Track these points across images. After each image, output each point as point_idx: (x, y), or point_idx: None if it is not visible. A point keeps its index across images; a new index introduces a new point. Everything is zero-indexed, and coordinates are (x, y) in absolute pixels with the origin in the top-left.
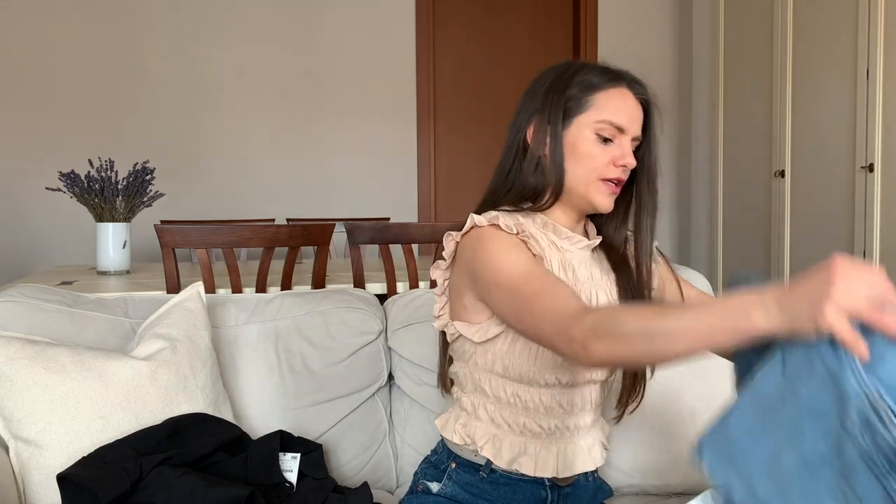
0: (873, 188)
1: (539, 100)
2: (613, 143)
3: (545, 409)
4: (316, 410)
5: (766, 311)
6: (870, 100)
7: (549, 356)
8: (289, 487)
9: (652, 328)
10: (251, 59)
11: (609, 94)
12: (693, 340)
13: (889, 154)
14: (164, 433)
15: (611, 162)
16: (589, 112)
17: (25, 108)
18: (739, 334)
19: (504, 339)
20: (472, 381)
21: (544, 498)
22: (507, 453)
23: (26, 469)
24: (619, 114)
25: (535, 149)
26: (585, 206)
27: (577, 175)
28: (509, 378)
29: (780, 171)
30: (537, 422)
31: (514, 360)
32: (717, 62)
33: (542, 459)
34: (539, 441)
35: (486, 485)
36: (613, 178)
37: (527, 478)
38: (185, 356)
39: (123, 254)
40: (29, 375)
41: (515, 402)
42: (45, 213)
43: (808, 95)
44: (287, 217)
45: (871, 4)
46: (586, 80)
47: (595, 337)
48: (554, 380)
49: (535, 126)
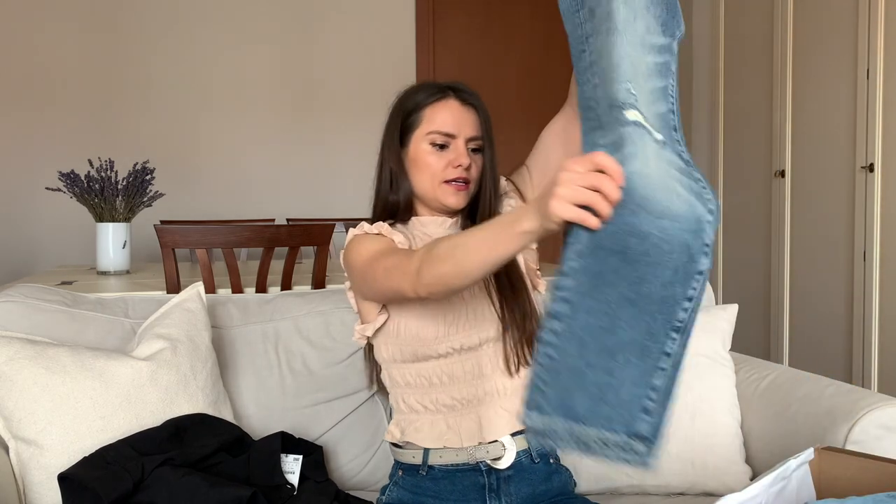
0: (873, 188)
1: (386, 126)
2: (448, 148)
3: (450, 379)
4: (316, 410)
5: (529, 216)
6: (870, 100)
7: (431, 329)
8: (290, 489)
9: (454, 245)
10: (251, 58)
11: (435, 107)
12: (484, 250)
13: (889, 154)
14: (166, 433)
15: (448, 165)
16: (421, 126)
17: (25, 108)
18: (516, 238)
19: (391, 324)
20: (390, 379)
21: (483, 484)
22: (430, 434)
23: (26, 469)
24: (446, 122)
25: (388, 169)
26: (441, 207)
27: (423, 184)
28: (407, 360)
29: (780, 171)
30: (449, 394)
31: (403, 342)
32: (717, 62)
33: (465, 429)
34: (456, 413)
35: (427, 482)
36: (455, 178)
37: (463, 467)
38: (186, 356)
39: (123, 254)
40: (29, 375)
41: (422, 382)
42: (45, 213)
43: (808, 95)
44: (287, 217)
45: (871, 4)
46: (415, 99)
47: (422, 265)
48: (446, 349)
49: (385, 149)
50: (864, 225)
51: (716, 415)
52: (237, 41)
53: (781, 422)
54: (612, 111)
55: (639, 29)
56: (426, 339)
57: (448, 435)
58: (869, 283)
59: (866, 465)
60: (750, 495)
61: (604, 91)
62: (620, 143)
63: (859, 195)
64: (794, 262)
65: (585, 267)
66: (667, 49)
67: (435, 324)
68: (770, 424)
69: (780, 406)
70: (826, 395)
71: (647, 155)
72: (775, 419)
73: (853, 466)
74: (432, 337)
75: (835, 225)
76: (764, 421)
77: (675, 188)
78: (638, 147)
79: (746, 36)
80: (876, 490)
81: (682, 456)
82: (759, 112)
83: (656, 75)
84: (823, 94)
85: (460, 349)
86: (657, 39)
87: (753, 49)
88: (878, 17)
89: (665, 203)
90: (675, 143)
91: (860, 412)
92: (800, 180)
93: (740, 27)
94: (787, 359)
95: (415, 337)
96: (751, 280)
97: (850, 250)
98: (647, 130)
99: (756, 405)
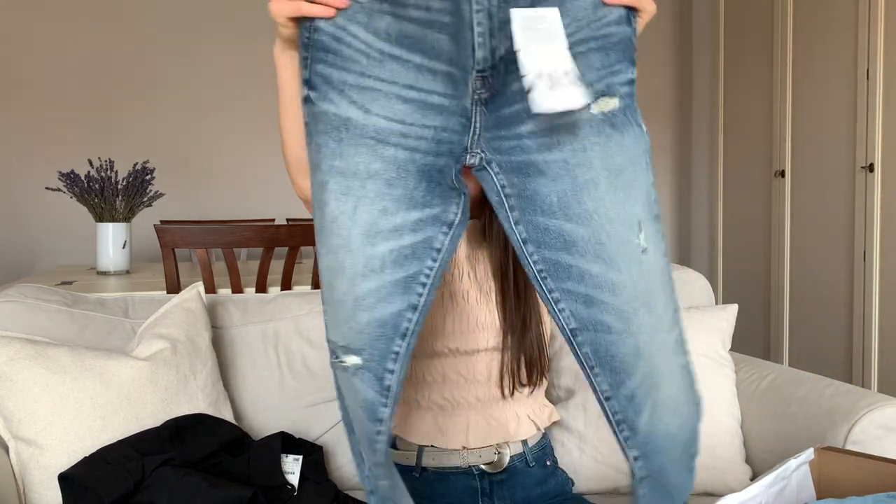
0: (873, 188)
1: None
2: None
3: (442, 379)
4: (316, 411)
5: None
6: (870, 100)
7: (429, 323)
8: (290, 489)
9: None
10: (252, 58)
11: None
12: (282, 94)
13: (889, 154)
14: (166, 433)
15: None
16: None
17: (26, 109)
18: (277, 58)
19: None
20: None
21: (476, 488)
22: (418, 430)
23: (26, 469)
24: None
25: None
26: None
27: None
28: None
29: (780, 171)
30: (441, 394)
31: None
32: (717, 62)
33: (451, 431)
34: (446, 414)
35: (420, 484)
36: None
37: (455, 471)
38: (186, 357)
39: (123, 254)
40: (29, 375)
41: (416, 377)
42: (45, 213)
43: (808, 95)
44: (287, 217)
45: (871, 4)
46: None
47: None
48: (442, 348)
49: None
50: (864, 225)
51: (716, 415)
52: (238, 41)
53: (781, 422)
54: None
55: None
56: (423, 333)
57: (434, 434)
58: (869, 283)
59: (866, 465)
60: (750, 495)
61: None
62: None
63: (859, 195)
64: (794, 262)
65: None
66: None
67: (433, 319)
68: (770, 424)
69: (780, 406)
70: (826, 395)
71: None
72: (775, 419)
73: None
74: (428, 332)
75: (835, 225)
76: (764, 421)
77: None
78: None
79: (746, 36)
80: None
81: None
82: (759, 112)
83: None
84: (823, 94)
85: (455, 351)
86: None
87: (753, 49)
88: (878, 17)
89: None
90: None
91: (860, 412)
92: (800, 180)
93: (740, 27)
94: (787, 359)
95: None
96: (751, 280)
97: (850, 250)
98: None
99: (756, 405)
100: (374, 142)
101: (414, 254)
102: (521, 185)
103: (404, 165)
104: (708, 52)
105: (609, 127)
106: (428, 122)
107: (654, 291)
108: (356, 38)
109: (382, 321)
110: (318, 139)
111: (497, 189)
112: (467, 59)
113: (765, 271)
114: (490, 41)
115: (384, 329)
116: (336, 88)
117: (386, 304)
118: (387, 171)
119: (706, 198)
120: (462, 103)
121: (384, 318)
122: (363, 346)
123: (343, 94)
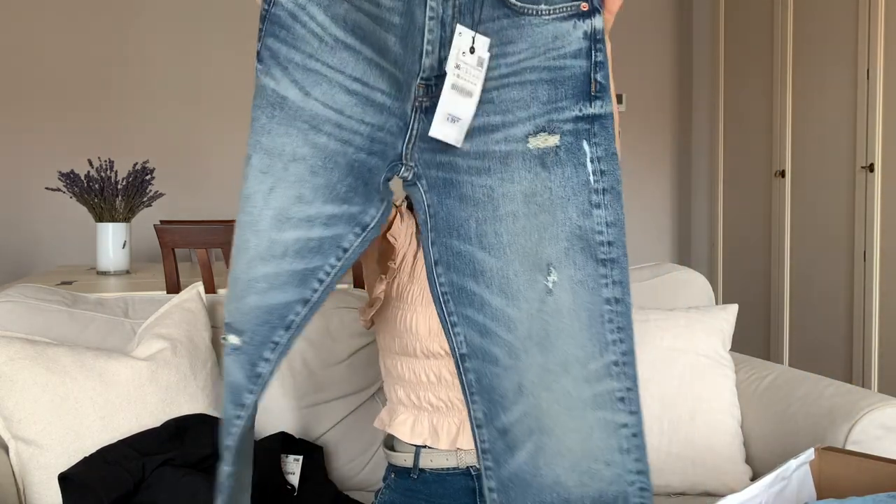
0: (873, 188)
1: None
2: None
3: (437, 380)
4: (316, 411)
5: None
6: (870, 100)
7: (425, 325)
8: (290, 490)
9: None
10: (252, 58)
11: None
12: None
13: (889, 154)
14: (167, 434)
15: None
16: None
17: (25, 109)
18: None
19: (393, 310)
20: (385, 368)
21: (474, 488)
22: (413, 430)
23: (26, 469)
24: None
25: None
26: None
27: None
28: (399, 353)
29: (781, 171)
30: (436, 394)
31: (398, 332)
32: (717, 62)
33: (445, 432)
34: (440, 414)
35: (418, 485)
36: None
37: (453, 472)
38: (186, 357)
39: (123, 254)
40: (29, 375)
41: (412, 377)
42: (45, 213)
43: (808, 95)
44: None
45: (871, 4)
46: None
47: None
48: (438, 349)
49: None
50: (864, 225)
51: (716, 415)
52: (238, 40)
53: (781, 422)
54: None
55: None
56: (420, 333)
57: (427, 434)
58: (869, 283)
59: (866, 465)
60: (750, 495)
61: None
62: None
63: (859, 195)
64: (794, 262)
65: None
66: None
67: (429, 321)
68: (770, 424)
69: (780, 406)
70: (826, 395)
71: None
72: (775, 419)
73: (853, 466)
74: (425, 333)
75: (835, 225)
76: (764, 421)
77: None
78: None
79: (746, 36)
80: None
81: (682, 456)
82: (759, 112)
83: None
84: (823, 94)
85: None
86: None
87: (753, 49)
88: (878, 18)
89: None
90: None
91: (860, 412)
92: (800, 180)
93: (740, 27)
94: (787, 359)
95: (408, 329)
96: (751, 280)
97: (850, 250)
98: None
99: (756, 405)
100: (307, 126)
101: (320, 248)
102: (443, 206)
103: (333, 157)
104: (708, 52)
105: (539, 165)
106: (367, 119)
107: (556, 335)
108: (313, 20)
109: (270, 308)
110: (253, 112)
111: (424, 207)
112: (414, 64)
113: (765, 271)
114: (439, 51)
115: (270, 317)
116: (280, 65)
117: (278, 292)
118: (314, 158)
119: (706, 198)
120: (403, 107)
121: (272, 306)
122: (245, 328)
123: (286, 71)
